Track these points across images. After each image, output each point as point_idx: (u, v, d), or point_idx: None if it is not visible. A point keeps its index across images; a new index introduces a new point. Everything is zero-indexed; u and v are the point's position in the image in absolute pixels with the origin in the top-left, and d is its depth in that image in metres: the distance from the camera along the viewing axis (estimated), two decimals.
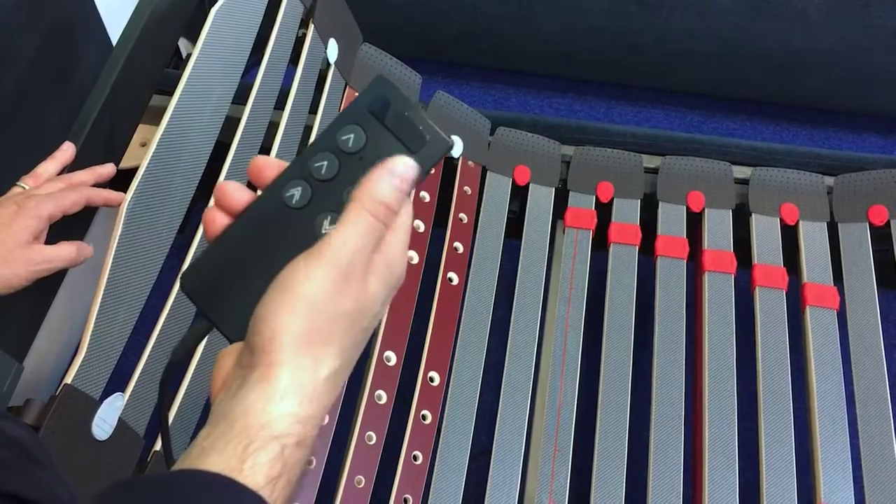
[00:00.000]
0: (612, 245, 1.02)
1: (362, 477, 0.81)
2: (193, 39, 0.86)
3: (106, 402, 0.69)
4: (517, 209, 1.08)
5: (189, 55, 0.84)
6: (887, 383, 0.90)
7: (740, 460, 0.86)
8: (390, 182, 0.36)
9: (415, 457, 0.84)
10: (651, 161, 1.09)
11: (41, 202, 0.67)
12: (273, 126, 0.90)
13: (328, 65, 1.00)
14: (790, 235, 1.03)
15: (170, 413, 0.75)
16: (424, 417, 0.87)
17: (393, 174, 0.36)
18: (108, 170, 0.79)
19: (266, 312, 0.34)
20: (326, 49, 1.00)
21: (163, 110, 0.79)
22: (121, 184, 0.77)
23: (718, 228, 1.03)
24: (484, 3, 1.30)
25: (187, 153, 0.82)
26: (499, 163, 1.08)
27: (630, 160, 1.09)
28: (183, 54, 1.28)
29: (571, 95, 1.49)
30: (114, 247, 0.72)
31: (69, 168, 0.77)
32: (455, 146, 1.05)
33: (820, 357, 0.92)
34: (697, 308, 1.00)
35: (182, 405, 0.77)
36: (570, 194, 1.07)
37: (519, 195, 1.08)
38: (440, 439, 0.86)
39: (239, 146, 0.86)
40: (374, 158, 0.37)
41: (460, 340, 0.93)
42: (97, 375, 0.70)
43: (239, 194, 0.38)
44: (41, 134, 0.94)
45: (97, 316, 0.70)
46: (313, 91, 0.98)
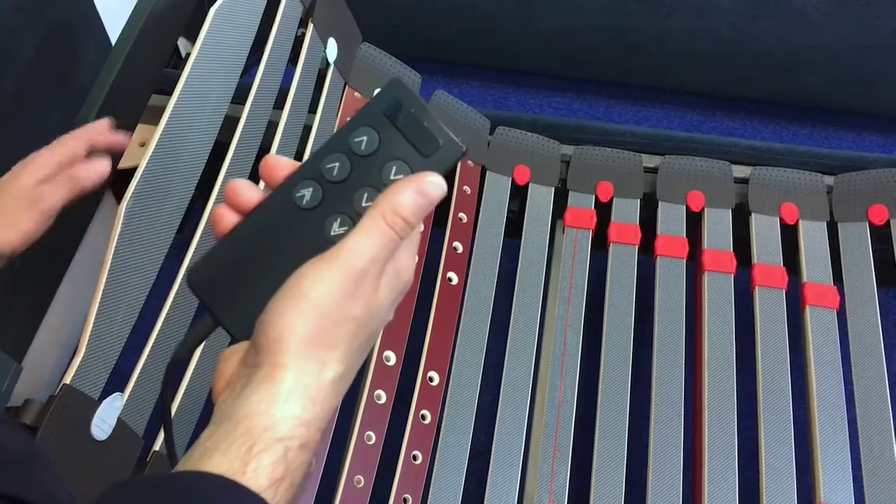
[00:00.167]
0: (612, 244, 1.02)
1: (362, 477, 0.81)
2: (192, 39, 0.86)
3: (105, 403, 0.69)
4: (517, 209, 1.08)
5: (188, 55, 0.84)
6: (887, 383, 0.90)
7: (740, 460, 0.86)
8: (414, 198, 0.35)
9: (414, 456, 0.84)
10: (651, 160, 1.09)
11: (44, 151, 0.64)
12: (272, 125, 0.90)
13: (327, 64, 1.00)
14: (790, 235, 1.03)
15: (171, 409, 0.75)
16: (424, 417, 0.87)
17: (418, 190, 0.36)
18: (105, 124, 0.69)
19: (274, 314, 0.34)
20: (326, 48, 1.00)
21: (162, 110, 0.79)
22: (120, 184, 0.77)
23: (718, 228, 1.03)
24: (483, 3, 1.30)
25: (186, 153, 0.82)
26: (498, 162, 1.08)
27: (630, 159, 1.09)
28: (182, 54, 1.28)
29: (571, 95, 1.49)
30: (113, 247, 0.72)
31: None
32: None
33: (820, 356, 0.92)
34: (697, 308, 1.00)
35: (182, 405, 0.77)
36: (570, 194, 1.07)
37: (518, 195, 1.08)
38: (440, 439, 0.86)
39: (238, 146, 0.86)
40: (387, 162, 0.37)
41: (460, 340, 0.93)
42: (96, 375, 0.70)
43: (249, 193, 0.38)
44: (41, 134, 0.93)
45: (96, 316, 0.70)
46: (312, 90, 0.97)
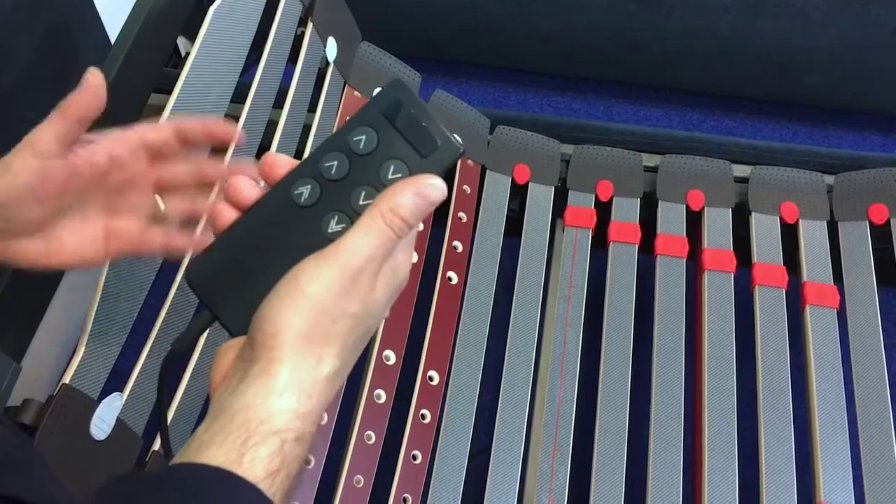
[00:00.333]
0: (612, 244, 1.02)
1: (361, 476, 0.81)
2: (192, 38, 0.86)
3: (104, 402, 0.69)
4: (516, 208, 1.08)
5: (188, 53, 0.84)
6: (887, 382, 0.90)
7: (740, 459, 0.86)
8: (413, 199, 0.36)
9: (414, 456, 0.84)
10: (650, 159, 1.09)
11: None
12: (272, 125, 0.90)
13: (327, 63, 1.00)
14: (790, 234, 1.03)
15: (169, 408, 0.75)
16: (424, 416, 0.87)
17: (418, 192, 0.36)
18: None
19: (270, 309, 0.35)
20: (325, 47, 1.00)
21: (161, 109, 0.79)
22: None
23: (718, 227, 1.03)
24: (483, 2, 1.30)
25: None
26: (498, 161, 1.08)
27: (629, 159, 1.09)
28: (181, 53, 1.28)
29: (571, 94, 1.49)
30: None
31: None
32: None
33: (820, 356, 0.92)
34: (697, 307, 1.00)
35: (181, 403, 0.77)
36: (570, 193, 1.07)
37: (518, 194, 1.07)
38: (439, 438, 0.86)
39: (237, 145, 0.86)
40: (385, 161, 0.38)
41: (460, 339, 0.93)
42: (95, 375, 0.70)
43: (248, 190, 0.38)
44: None
45: (95, 315, 0.70)
46: (312, 89, 0.97)
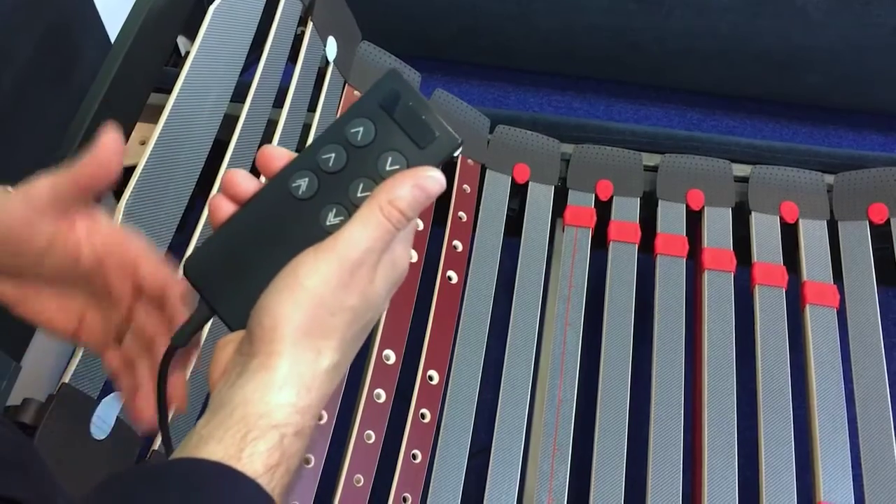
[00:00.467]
0: (612, 243, 1.02)
1: (361, 476, 0.81)
2: (192, 37, 0.86)
3: (104, 402, 0.69)
4: (516, 207, 1.08)
5: (188, 53, 0.84)
6: (887, 382, 0.90)
7: (740, 458, 0.86)
8: (412, 191, 0.36)
9: (414, 455, 0.84)
10: (650, 159, 1.09)
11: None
12: (272, 124, 0.90)
13: (327, 62, 1.00)
14: (790, 233, 1.03)
15: (170, 406, 0.75)
16: (423, 416, 0.87)
17: (416, 184, 0.36)
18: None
19: (269, 303, 0.35)
20: (325, 47, 1.00)
21: (161, 108, 0.79)
22: (119, 182, 0.77)
23: (718, 226, 1.03)
24: (483, 2, 1.30)
25: (186, 151, 0.82)
26: (498, 161, 1.08)
27: (629, 158, 1.09)
28: (181, 52, 1.28)
29: (571, 93, 1.49)
30: None
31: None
32: None
33: (820, 355, 0.92)
34: (697, 306, 1.00)
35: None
36: (570, 192, 1.07)
37: (518, 193, 1.07)
38: (439, 437, 0.86)
39: (237, 144, 0.86)
40: (382, 152, 0.37)
41: (459, 339, 0.93)
42: (95, 374, 0.70)
43: (246, 183, 0.38)
44: (40, 133, 0.94)
45: None
46: (312, 89, 0.97)
